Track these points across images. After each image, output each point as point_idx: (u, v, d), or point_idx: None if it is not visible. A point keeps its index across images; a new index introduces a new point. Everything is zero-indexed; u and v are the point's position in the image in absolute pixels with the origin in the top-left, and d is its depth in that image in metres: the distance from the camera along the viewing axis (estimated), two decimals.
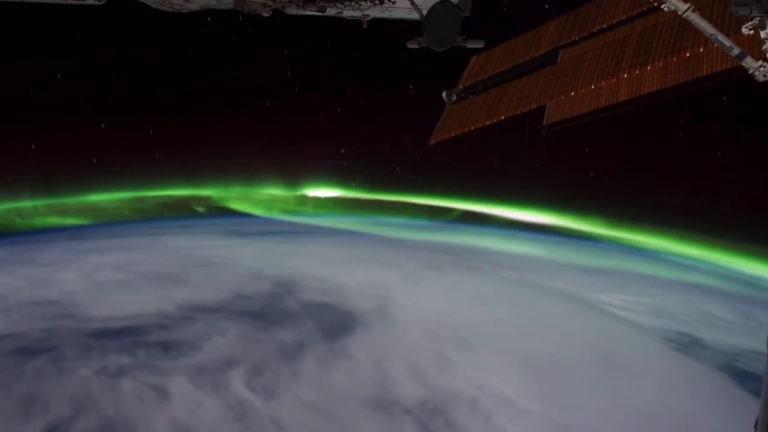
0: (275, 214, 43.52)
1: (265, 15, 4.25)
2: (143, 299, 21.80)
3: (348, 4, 4.33)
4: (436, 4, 3.81)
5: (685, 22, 3.02)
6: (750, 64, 2.94)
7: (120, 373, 15.73)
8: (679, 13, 2.94)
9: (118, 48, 36.73)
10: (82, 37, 34.19)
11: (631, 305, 23.46)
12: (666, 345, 19.45)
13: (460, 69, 5.05)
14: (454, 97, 4.74)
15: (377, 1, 4.36)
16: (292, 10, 4.32)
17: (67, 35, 33.96)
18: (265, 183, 43.41)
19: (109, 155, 38.11)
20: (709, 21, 2.98)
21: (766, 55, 2.91)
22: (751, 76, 2.96)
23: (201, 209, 43.54)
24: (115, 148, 38.33)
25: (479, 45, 4.15)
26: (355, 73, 39.83)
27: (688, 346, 19.40)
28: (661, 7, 2.95)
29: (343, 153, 41.65)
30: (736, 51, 2.93)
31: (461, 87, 4.88)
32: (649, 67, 3.65)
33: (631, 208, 35.07)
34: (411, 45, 4.02)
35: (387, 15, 4.62)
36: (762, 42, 2.91)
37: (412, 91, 37.83)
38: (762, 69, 2.92)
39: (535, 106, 4.21)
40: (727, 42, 2.93)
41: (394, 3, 4.40)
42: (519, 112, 4.26)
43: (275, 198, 44.37)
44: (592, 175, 36.03)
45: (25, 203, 37.09)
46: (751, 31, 2.89)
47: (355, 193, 43.55)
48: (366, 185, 43.02)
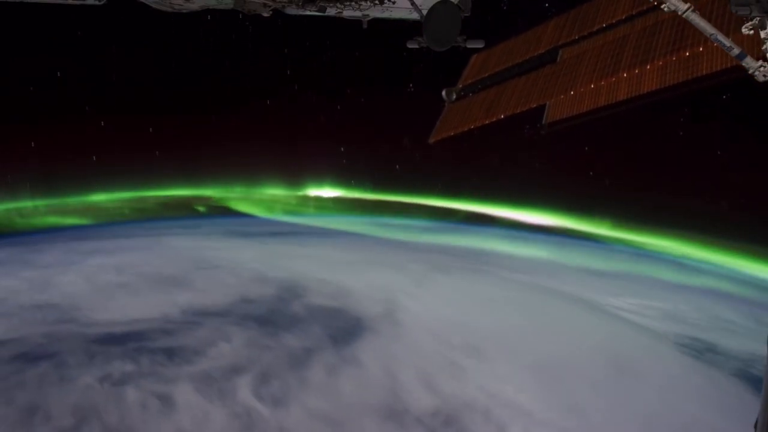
0: (276, 214, 43.29)
1: (265, 15, 4.24)
2: (146, 303, 21.48)
3: (348, 4, 4.33)
4: (436, 4, 3.79)
5: (685, 21, 3.02)
6: (750, 64, 2.94)
7: (124, 381, 15.39)
8: (679, 13, 2.93)
9: (118, 48, 36.65)
10: (83, 37, 34.12)
11: (643, 309, 23.11)
12: (680, 351, 19.13)
13: (460, 68, 5.09)
14: (454, 96, 4.76)
15: (377, 1, 4.35)
16: (292, 10, 4.31)
17: (67, 35, 33.79)
18: (266, 183, 43.26)
19: (109, 155, 38.11)
20: (709, 21, 2.99)
21: (766, 55, 2.92)
22: (751, 76, 2.96)
23: (202, 209, 43.30)
24: (116, 148, 38.36)
25: (479, 45, 4.15)
26: (355, 72, 39.53)
27: (702, 351, 19.08)
28: (661, 7, 2.95)
29: (342, 151, 41.45)
30: (736, 51, 2.94)
31: (461, 86, 4.89)
32: (648, 66, 3.66)
33: (631, 208, 34.92)
34: (411, 45, 4.01)
35: (387, 15, 4.61)
36: (762, 42, 2.91)
37: (412, 90, 37.54)
38: (762, 69, 2.92)
39: (534, 105, 4.24)
40: (727, 42, 2.94)
41: (394, 3, 4.39)
42: (519, 111, 4.29)
43: (276, 198, 44.14)
44: (592, 174, 35.79)
45: (25, 203, 36.94)
46: (751, 31, 2.90)
47: (356, 193, 43.32)
48: (367, 185, 42.83)
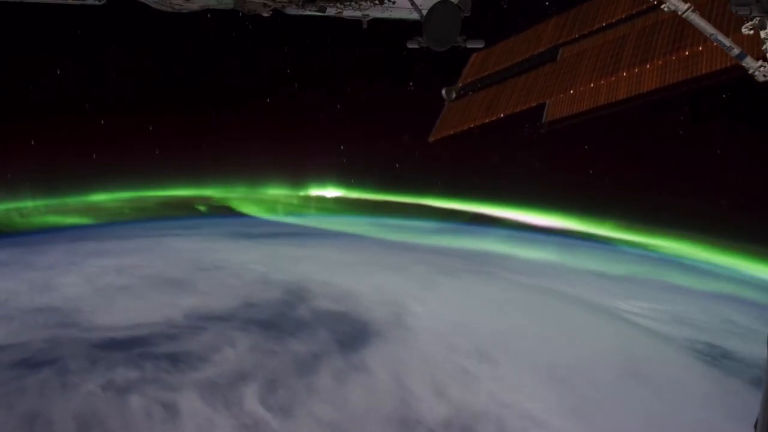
0: (278, 214, 42.95)
1: (265, 15, 4.21)
2: (149, 306, 21.11)
3: (348, 4, 4.32)
4: (436, 4, 3.78)
5: (685, 21, 3.00)
6: (750, 64, 2.93)
7: (127, 388, 15.02)
8: (679, 13, 2.92)
9: (118, 48, 36.39)
10: (83, 37, 33.87)
11: (653, 313, 22.74)
12: (693, 357, 18.77)
13: (460, 67, 5.10)
14: (454, 95, 4.76)
15: (377, 1, 4.34)
16: (292, 10, 4.29)
17: (67, 35, 33.51)
18: (267, 183, 42.98)
19: (110, 155, 37.83)
20: (709, 21, 2.98)
21: (766, 55, 2.91)
22: (751, 76, 2.95)
23: (203, 208, 42.97)
24: (116, 148, 38.08)
25: (479, 45, 4.13)
26: (355, 70, 39.28)
27: (717, 357, 18.71)
28: (661, 6, 2.93)
29: (342, 150, 41.15)
30: (736, 51, 2.93)
31: (461, 84, 4.89)
32: (648, 66, 3.66)
33: (632, 208, 34.63)
34: (411, 45, 3.99)
35: (387, 15, 4.60)
36: (762, 42, 2.90)
37: (412, 88, 37.23)
38: (762, 69, 2.91)
39: (534, 104, 4.23)
40: (727, 42, 2.93)
41: (394, 3, 4.38)
42: (518, 110, 4.28)
43: (277, 198, 43.81)
44: (591, 173, 35.51)
45: (26, 202, 36.60)
46: (751, 31, 2.89)
47: (357, 193, 42.99)
48: (367, 183, 42.53)
